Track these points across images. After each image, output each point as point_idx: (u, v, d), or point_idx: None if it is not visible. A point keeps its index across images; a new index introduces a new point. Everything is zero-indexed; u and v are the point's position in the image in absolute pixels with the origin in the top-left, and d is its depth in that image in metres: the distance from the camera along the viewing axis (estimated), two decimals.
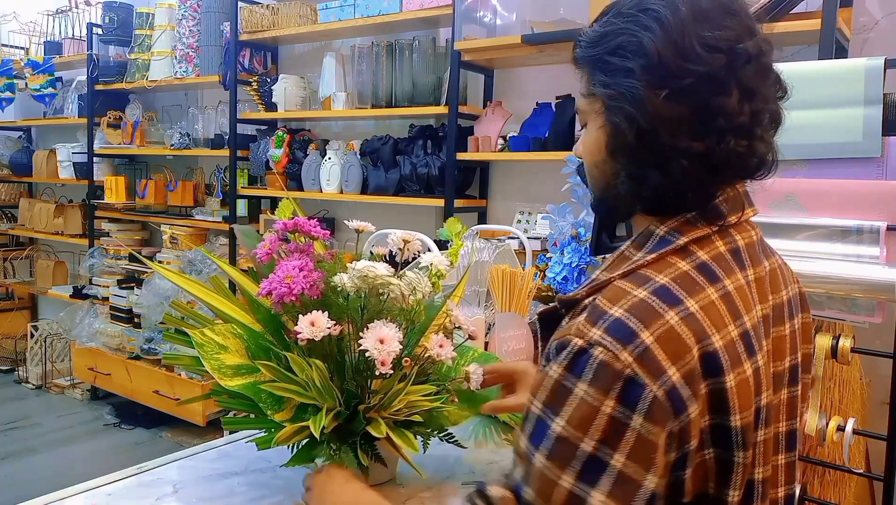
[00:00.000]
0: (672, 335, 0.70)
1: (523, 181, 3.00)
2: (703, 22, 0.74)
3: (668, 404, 0.68)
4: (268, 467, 1.25)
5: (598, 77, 0.78)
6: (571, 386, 0.69)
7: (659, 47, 0.73)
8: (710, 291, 0.74)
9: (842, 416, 1.49)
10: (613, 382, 0.67)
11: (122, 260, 4.36)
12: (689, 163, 0.74)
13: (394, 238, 1.19)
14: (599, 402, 0.67)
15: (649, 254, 0.77)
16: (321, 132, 3.70)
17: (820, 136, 1.39)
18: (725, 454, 0.74)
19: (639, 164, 0.77)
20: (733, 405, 0.72)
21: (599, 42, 0.79)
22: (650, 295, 0.72)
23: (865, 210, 1.34)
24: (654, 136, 0.74)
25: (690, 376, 0.69)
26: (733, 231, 0.80)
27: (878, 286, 1.28)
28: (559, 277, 1.76)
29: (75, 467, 3.52)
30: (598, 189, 0.85)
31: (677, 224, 0.78)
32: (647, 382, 0.67)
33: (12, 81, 4.77)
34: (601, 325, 0.70)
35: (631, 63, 0.74)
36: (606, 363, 0.68)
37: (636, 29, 0.75)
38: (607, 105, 0.77)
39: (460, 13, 2.79)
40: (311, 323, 1.03)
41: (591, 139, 0.83)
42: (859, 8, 2.21)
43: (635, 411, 0.67)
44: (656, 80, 0.73)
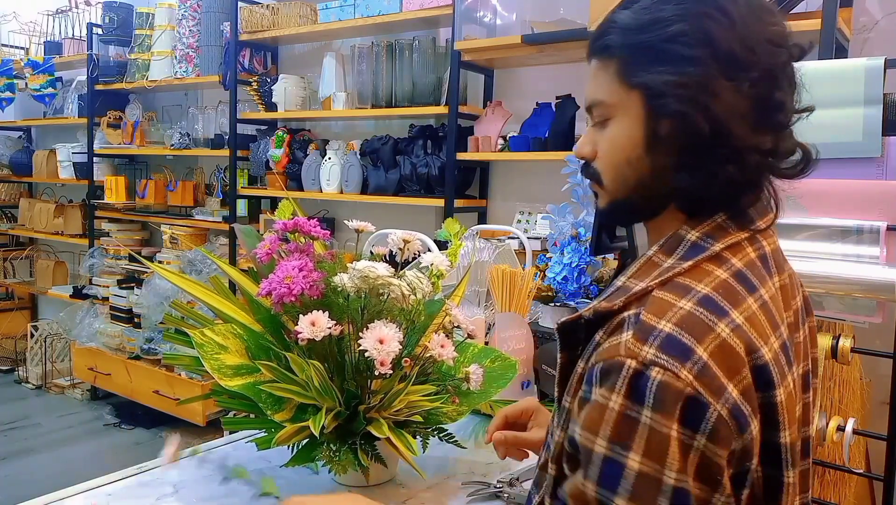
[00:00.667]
0: (726, 349, 0.66)
1: (523, 181, 3.00)
2: (764, 13, 0.72)
3: (733, 423, 0.64)
4: (268, 467, 1.25)
5: (649, 67, 0.72)
6: (637, 416, 0.63)
7: (727, 36, 0.69)
8: (749, 301, 0.71)
9: (842, 416, 1.49)
10: (675, 403, 0.63)
11: (122, 260, 4.36)
12: (761, 157, 0.72)
13: (394, 238, 1.19)
14: (668, 427, 0.62)
15: (683, 261, 0.72)
16: (321, 132, 3.70)
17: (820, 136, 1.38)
18: (775, 473, 0.70)
19: (710, 159, 0.71)
20: (783, 420, 0.69)
21: (648, 28, 0.72)
22: (696, 306, 0.67)
23: (865, 210, 1.34)
24: (728, 129, 0.69)
25: (748, 392, 0.66)
26: (760, 236, 0.77)
27: (878, 286, 1.28)
28: (559, 277, 1.76)
29: (75, 467, 3.52)
30: (625, 189, 0.78)
31: (709, 229, 0.74)
32: (711, 401, 0.63)
33: (12, 81, 4.77)
34: (653, 341, 0.65)
35: (697, 51, 0.69)
36: (667, 384, 0.63)
37: (696, 16, 0.70)
38: (668, 94, 0.70)
39: (460, 13, 2.79)
40: (312, 323, 1.03)
41: (622, 135, 0.76)
42: (859, 8, 2.21)
43: (698, 432, 0.63)
44: (725, 71, 0.69)
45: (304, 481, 1.22)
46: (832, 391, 1.64)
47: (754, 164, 0.71)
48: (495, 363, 1.30)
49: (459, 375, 1.16)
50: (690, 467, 0.63)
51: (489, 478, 1.25)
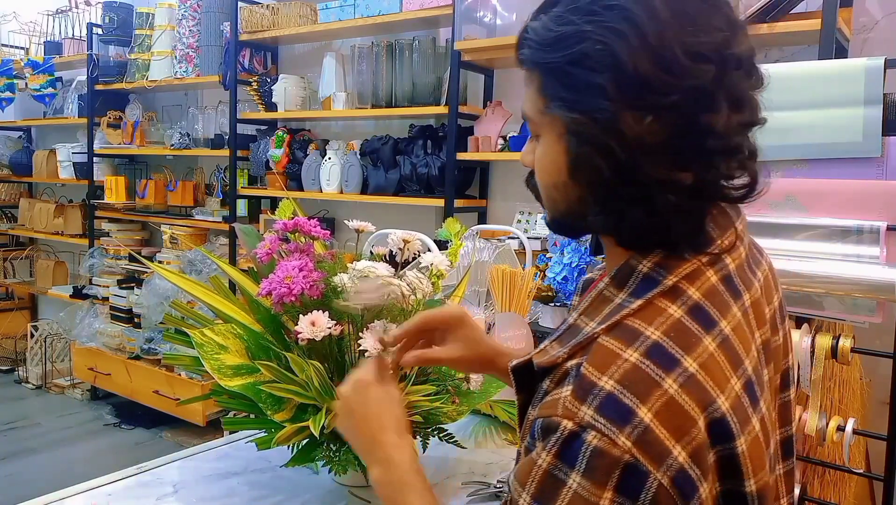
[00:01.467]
0: (674, 407, 0.59)
1: (523, 181, 3.00)
2: (685, 21, 0.61)
3: (674, 491, 0.58)
4: (268, 467, 1.26)
5: (559, 92, 0.65)
6: (564, 478, 0.59)
7: (634, 57, 0.60)
8: (706, 341, 0.64)
9: (842, 416, 1.49)
10: (611, 471, 0.58)
11: (122, 260, 4.36)
12: (676, 196, 0.63)
13: (394, 238, 1.19)
14: (597, 496, 0.58)
15: (634, 297, 0.66)
16: (321, 132, 3.70)
17: (820, 136, 1.39)
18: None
19: (617, 199, 0.64)
20: (746, 470, 0.63)
21: (556, 45, 0.64)
22: (642, 358, 0.61)
23: (865, 210, 1.34)
24: (634, 169, 0.62)
25: (698, 453, 0.60)
26: (724, 255, 0.69)
27: (878, 286, 1.28)
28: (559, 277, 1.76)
29: (75, 467, 3.52)
30: (556, 211, 0.72)
31: (661, 258, 0.67)
32: (651, 469, 0.58)
33: (12, 81, 4.77)
34: (591, 401, 0.60)
35: (600, 78, 0.61)
36: (602, 450, 0.58)
37: (602, 32, 0.61)
38: (571, 130, 0.65)
39: (460, 13, 2.79)
40: (312, 323, 1.03)
41: (549, 158, 0.69)
42: (859, 8, 2.21)
43: (638, 502, 0.58)
44: (633, 100, 0.61)
45: (305, 481, 1.22)
46: (832, 391, 1.64)
47: (667, 203, 0.63)
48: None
49: (459, 375, 1.16)
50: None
51: (489, 478, 1.25)
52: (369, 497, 1.18)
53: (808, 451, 1.53)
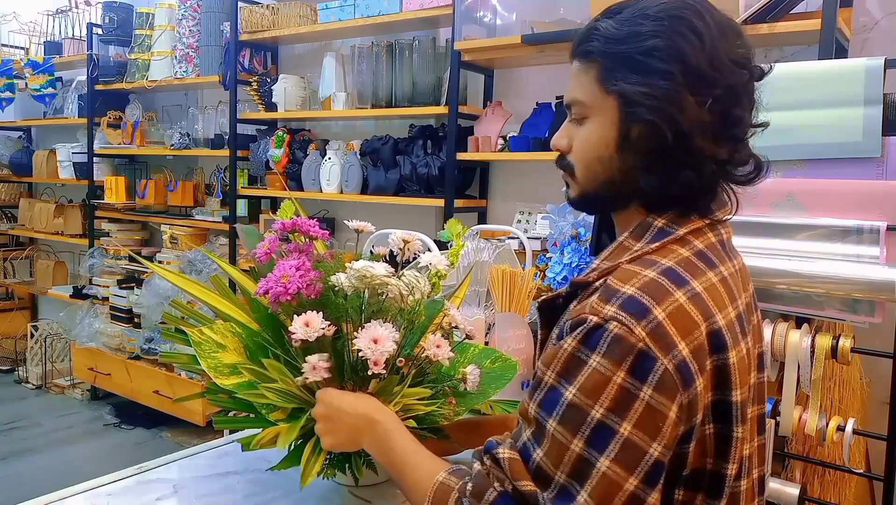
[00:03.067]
0: (682, 312, 0.74)
1: (523, 181, 3.00)
2: (726, 38, 0.79)
3: (677, 377, 0.71)
4: (267, 467, 1.25)
5: (624, 75, 0.80)
6: (585, 358, 0.73)
7: (697, 55, 0.77)
8: (710, 274, 0.80)
9: (842, 416, 1.49)
10: (626, 355, 0.71)
11: (122, 260, 4.36)
12: (717, 167, 0.80)
13: (394, 238, 1.19)
14: (612, 372, 0.71)
15: (651, 243, 0.81)
16: (321, 132, 3.70)
17: (820, 136, 1.39)
18: (725, 429, 0.78)
19: (672, 164, 0.79)
20: (735, 381, 0.77)
21: (627, 40, 0.80)
22: (659, 275, 0.76)
23: (865, 210, 1.34)
24: (691, 139, 0.77)
25: (698, 351, 0.74)
26: (720, 226, 0.86)
27: (878, 286, 1.28)
28: (559, 277, 1.76)
29: (75, 467, 3.52)
30: (593, 183, 0.86)
31: (673, 217, 0.83)
32: (659, 356, 0.71)
33: (12, 81, 4.77)
34: (615, 301, 0.74)
35: (669, 66, 0.77)
36: (621, 337, 0.71)
37: (671, 34, 0.77)
38: (638, 102, 0.79)
39: (460, 13, 2.79)
40: (306, 323, 1.02)
41: (597, 134, 0.84)
42: (859, 8, 2.21)
43: (645, 383, 0.70)
44: (693, 86, 0.77)
45: None
46: (832, 391, 1.64)
47: (710, 171, 0.80)
48: (495, 364, 1.30)
49: (457, 376, 1.16)
50: (632, 414, 0.71)
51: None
52: (368, 497, 1.18)
53: (808, 451, 1.53)
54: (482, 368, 1.19)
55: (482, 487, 0.77)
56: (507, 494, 0.76)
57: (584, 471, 0.71)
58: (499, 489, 0.76)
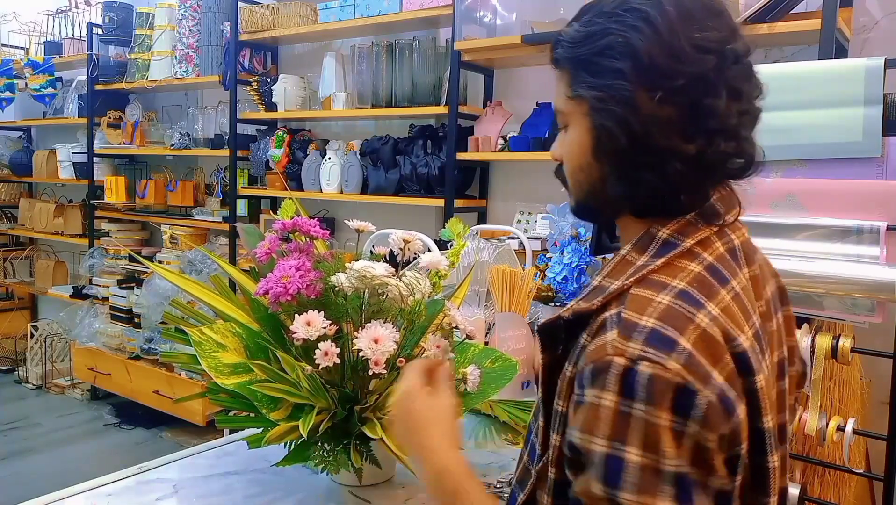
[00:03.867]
0: (707, 338, 0.68)
1: (523, 181, 3.00)
2: (691, 22, 0.73)
3: (721, 408, 0.66)
4: (267, 466, 1.25)
5: (584, 78, 0.76)
6: (630, 410, 0.65)
7: (649, 48, 0.72)
8: (723, 293, 0.73)
9: (842, 416, 1.49)
10: (666, 393, 0.65)
11: (122, 260, 4.36)
12: (683, 165, 0.73)
13: (394, 238, 1.19)
14: (657, 417, 0.65)
15: (656, 258, 0.75)
16: (321, 132, 3.70)
17: (820, 136, 1.39)
18: (760, 459, 0.72)
19: (632, 167, 0.75)
20: (764, 406, 0.71)
21: (584, 42, 0.77)
22: (674, 300, 0.70)
23: (865, 210, 1.34)
24: (647, 139, 0.73)
25: (732, 378, 0.68)
26: (728, 231, 0.80)
27: (878, 286, 1.28)
28: (559, 277, 1.76)
29: (75, 467, 3.52)
30: (581, 193, 0.83)
31: (678, 226, 0.77)
32: (699, 388, 0.65)
33: (12, 81, 4.77)
34: (638, 337, 0.67)
35: (620, 64, 0.73)
36: (656, 376, 0.65)
37: (623, 29, 0.73)
38: (594, 107, 0.76)
39: (460, 13, 2.79)
40: (307, 323, 1.02)
41: (575, 142, 0.81)
42: (859, 8, 2.21)
43: (690, 418, 0.65)
44: (647, 82, 0.72)
45: (304, 480, 1.22)
46: (832, 391, 1.64)
47: (675, 171, 0.73)
48: (495, 364, 1.30)
49: (457, 376, 1.16)
50: (685, 453, 0.65)
51: (489, 478, 1.25)
52: (368, 497, 1.18)
53: (808, 451, 1.53)
54: (482, 368, 1.19)
55: None
56: None
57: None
58: None
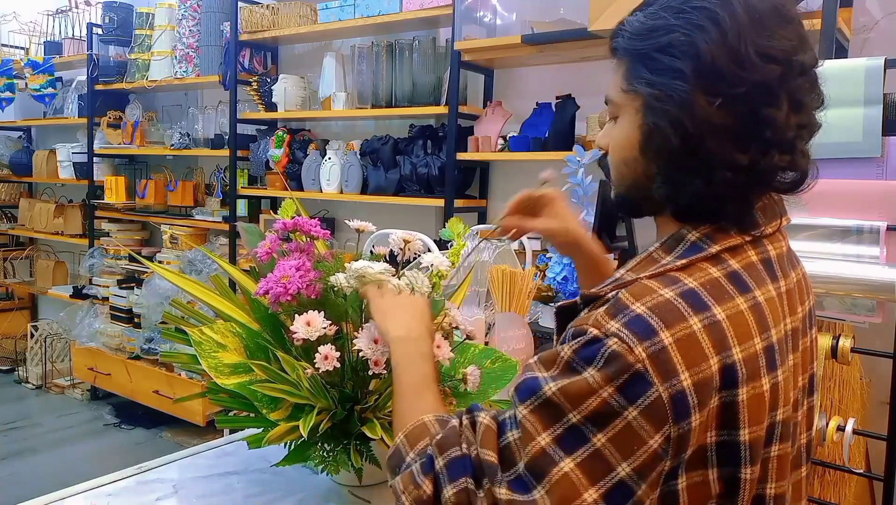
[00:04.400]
0: (692, 341, 0.67)
1: (523, 181, 3.00)
2: (760, 28, 0.71)
3: (669, 407, 0.66)
4: (267, 466, 1.25)
5: (642, 73, 0.74)
6: (578, 368, 0.68)
7: (713, 50, 0.69)
8: (739, 300, 0.72)
9: (842, 416, 1.49)
10: (620, 373, 0.66)
11: (122, 260, 4.36)
12: (732, 174, 0.71)
13: (395, 238, 1.19)
14: (599, 386, 0.66)
15: (680, 259, 0.74)
16: (321, 132, 3.70)
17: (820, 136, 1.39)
18: (733, 471, 0.71)
19: (680, 170, 0.74)
20: (743, 419, 0.70)
21: (647, 36, 0.74)
22: (677, 297, 0.69)
23: (865, 210, 1.34)
24: (700, 144, 0.71)
25: (702, 386, 0.67)
26: (766, 241, 0.78)
27: (878, 286, 1.28)
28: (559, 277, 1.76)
29: (75, 467, 3.52)
30: (623, 186, 0.82)
31: (710, 231, 0.75)
32: (655, 381, 0.65)
33: (12, 81, 4.77)
34: (621, 318, 0.68)
35: (681, 64, 0.71)
36: (618, 354, 0.66)
37: (689, 27, 0.71)
38: (648, 104, 0.74)
39: (460, 13, 2.79)
40: (308, 323, 1.02)
41: (623, 135, 0.79)
42: (859, 8, 2.21)
43: (632, 404, 0.66)
44: (707, 85, 0.70)
45: (304, 480, 1.22)
46: (832, 391, 1.64)
47: (724, 179, 0.72)
48: (495, 364, 1.30)
49: (458, 377, 1.16)
50: (610, 428, 0.66)
51: None
52: (368, 497, 1.18)
53: None
54: (482, 368, 1.19)
55: (450, 442, 0.76)
56: (469, 458, 0.74)
57: (545, 467, 0.67)
58: (463, 450, 0.74)
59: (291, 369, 1.04)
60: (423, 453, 0.78)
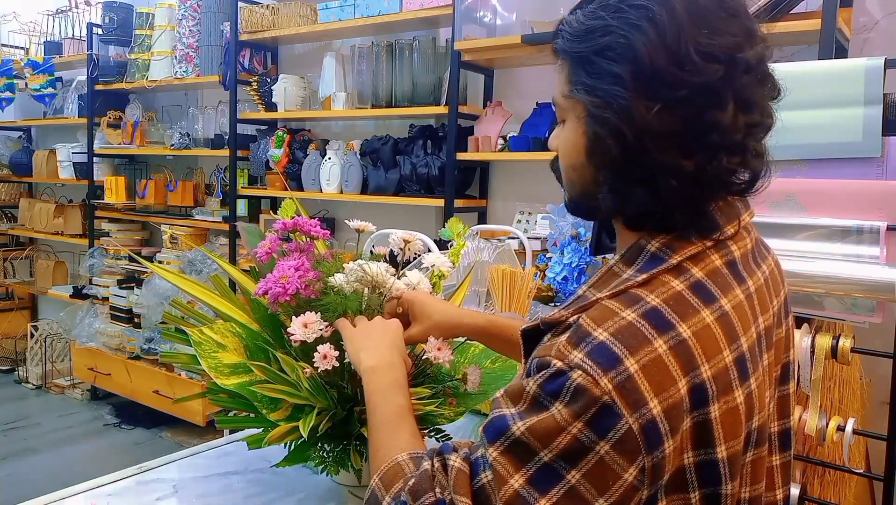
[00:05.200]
0: (659, 365, 0.65)
1: (523, 181, 3.00)
2: (701, 25, 0.67)
3: (641, 438, 0.63)
4: (267, 466, 1.25)
5: (582, 78, 0.71)
6: (545, 403, 0.65)
7: (651, 52, 0.65)
8: (704, 313, 0.69)
9: (842, 416, 1.49)
10: (588, 408, 0.63)
11: (122, 260, 4.36)
12: (678, 182, 0.68)
13: (395, 238, 1.19)
14: (567, 423, 0.64)
15: (640, 273, 0.71)
16: (321, 132, 3.70)
17: (820, 136, 1.39)
18: (714, 490, 0.70)
19: (622, 179, 0.70)
20: (718, 436, 0.68)
21: (585, 37, 0.70)
22: (639, 318, 0.66)
23: (865, 210, 1.34)
24: (641, 152, 0.67)
25: (673, 410, 0.65)
26: (729, 242, 0.75)
27: (878, 286, 1.28)
28: (559, 277, 1.76)
29: (75, 467, 3.52)
30: (574, 191, 0.78)
31: (669, 240, 0.72)
32: (624, 413, 0.63)
33: (12, 81, 4.77)
34: (583, 347, 0.65)
35: (619, 68, 0.67)
36: (584, 388, 0.63)
37: (625, 28, 0.67)
38: (589, 112, 0.70)
39: (460, 13, 2.79)
40: (304, 325, 1.03)
41: (570, 141, 0.75)
42: (859, 8, 2.21)
43: (603, 439, 0.63)
44: (646, 90, 0.66)
45: (304, 480, 1.22)
46: (832, 391, 1.64)
47: (669, 187, 0.68)
48: (496, 364, 1.30)
49: (458, 377, 1.16)
50: (584, 464, 0.64)
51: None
52: None
53: (808, 451, 1.53)
54: (482, 368, 1.19)
55: (422, 488, 0.72)
56: (443, 503, 0.70)
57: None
58: (438, 496, 0.71)
59: (291, 370, 1.04)
60: (398, 498, 0.75)
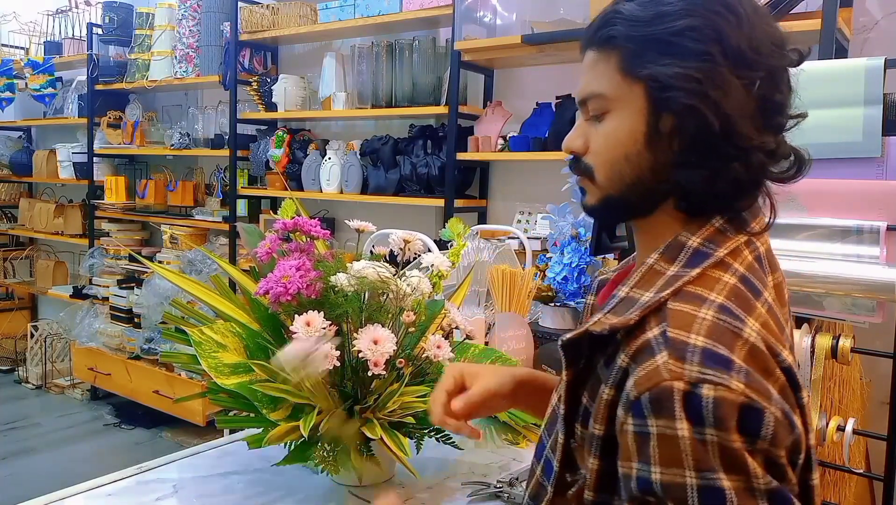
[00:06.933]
0: (756, 352, 0.65)
1: (523, 181, 3.00)
2: (763, 15, 0.72)
3: (785, 422, 0.63)
4: (267, 466, 1.25)
5: (654, 58, 0.70)
6: (704, 437, 0.61)
7: (735, 34, 0.69)
8: (759, 307, 0.69)
9: (842, 416, 1.49)
10: (732, 416, 0.60)
11: (122, 260, 4.36)
12: (766, 157, 0.71)
13: (395, 238, 1.19)
14: (730, 441, 0.60)
15: (688, 268, 0.70)
16: (321, 132, 3.70)
17: (820, 136, 1.39)
18: (805, 476, 0.68)
19: (717, 156, 0.69)
20: (810, 423, 0.68)
21: (655, 21, 0.71)
22: (717, 315, 0.66)
23: (865, 210, 1.34)
24: (736, 127, 0.68)
25: (785, 391, 0.65)
26: (754, 238, 0.76)
27: (878, 286, 1.28)
28: (559, 277, 1.76)
29: (75, 467, 3.52)
30: (622, 185, 0.75)
31: (708, 234, 0.73)
32: (765, 405, 0.61)
33: (12, 81, 4.77)
34: (691, 358, 0.62)
35: (706, 46, 0.68)
36: (721, 399, 0.60)
37: (707, 13, 0.69)
38: (669, 87, 0.69)
39: (460, 13, 2.79)
40: (307, 323, 1.03)
41: (622, 130, 0.73)
42: (859, 8, 2.21)
43: (759, 438, 0.61)
44: (734, 69, 0.68)
45: (304, 480, 1.22)
46: (832, 391, 1.64)
47: (758, 163, 0.70)
48: (495, 364, 1.30)
49: None
50: (770, 471, 0.62)
51: (489, 478, 1.25)
52: (368, 497, 1.18)
53: None
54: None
55: None
56: None
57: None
58: None
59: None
60: None
